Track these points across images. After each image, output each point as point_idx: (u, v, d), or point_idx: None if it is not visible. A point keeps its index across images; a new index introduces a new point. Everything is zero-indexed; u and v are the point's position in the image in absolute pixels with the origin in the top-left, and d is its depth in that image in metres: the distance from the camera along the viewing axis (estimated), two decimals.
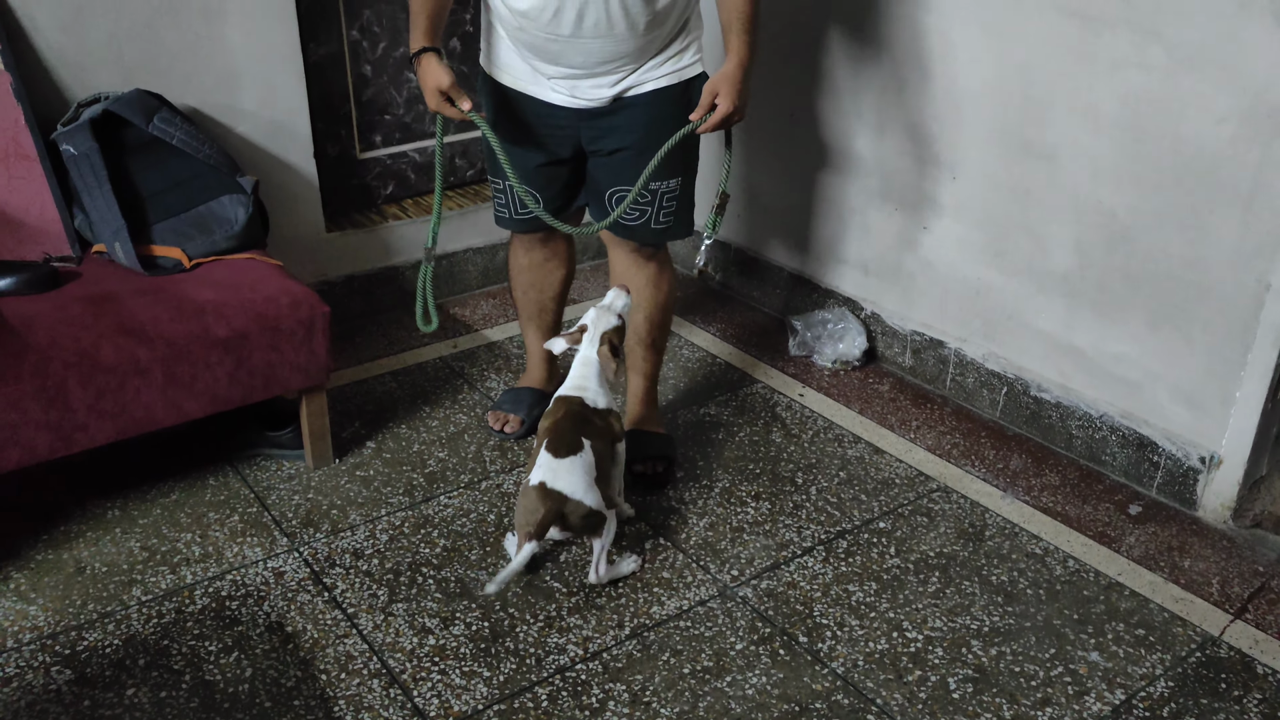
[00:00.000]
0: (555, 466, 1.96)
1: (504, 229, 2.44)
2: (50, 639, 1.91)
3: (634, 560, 2.11)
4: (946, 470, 2.47)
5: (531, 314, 2.52)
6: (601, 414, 2.09)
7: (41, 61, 2.38)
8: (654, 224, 2.25)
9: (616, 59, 2.06)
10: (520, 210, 2.32)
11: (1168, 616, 2.04)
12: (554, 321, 2.56)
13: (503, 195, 2.33)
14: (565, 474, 1.96)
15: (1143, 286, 2.31)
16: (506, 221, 2.38)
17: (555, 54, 2.06)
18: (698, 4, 2.14)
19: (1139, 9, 2.15)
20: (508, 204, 2.34)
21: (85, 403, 1.99)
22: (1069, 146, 2.35)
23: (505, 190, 2.31)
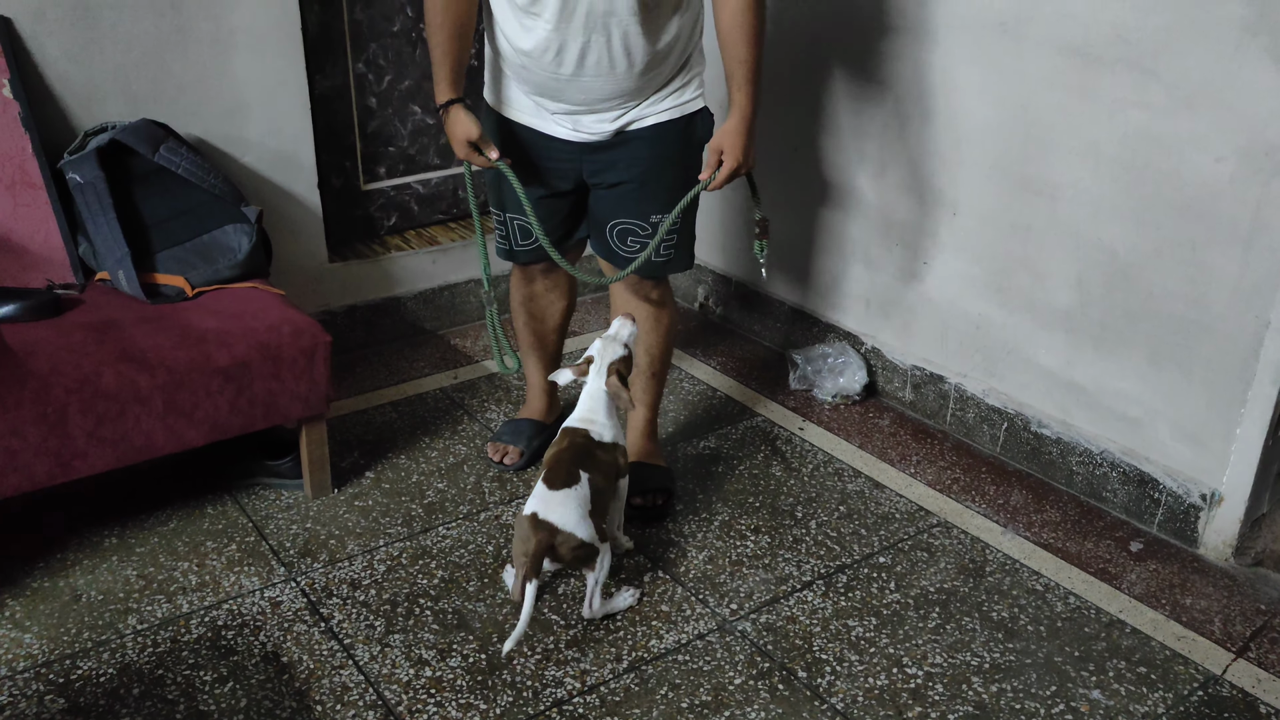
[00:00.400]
0: (548, 498, 1.96)
1: (505, 261, 2.44)
2: (44, 667, 1.90)
3: (631, 594, 2.10)
4: (947, 505, 2.47)
5: (532, 345, 2.53)
6: (607, 448, 2.09)
7: (50, 90, 2.40)
8: (655, 257, 2.25)
9: (618, 96, 2.09)
10: (521, 242, 2.33)
11: (1169, 654, 2.03)
12: (555, 353, 2.57)
13: (504, 228, 2.34)
14: (558, 506, 1.95)
15: (1143, 323, 2.31)
16: (508, 253, 2.39)
17: (557, 91, 2.09)
18: (699, 41, 2.16)
19: (1138, 49, 2.17)
20: (509, 236, 2.35)
21: (85, 430, 1.99)
22: (1069, 184, 2.36)
23: (506, 223, 2.33)
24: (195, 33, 2.54)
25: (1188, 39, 2.10)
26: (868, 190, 2.81)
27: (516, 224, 2.31)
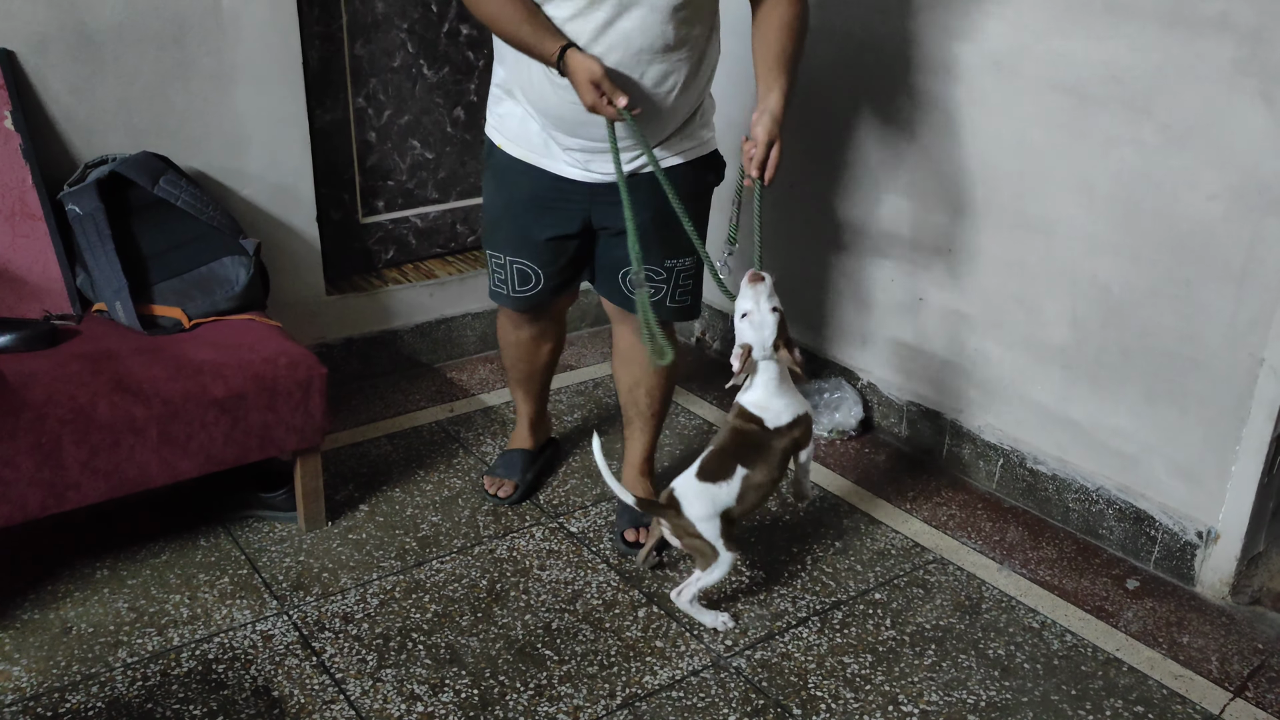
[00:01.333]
0: (690, 484, 2.03)
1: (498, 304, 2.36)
2: (33, 700, 1.88)
3: (722, 620, 2.10)
4: (943, 542, 2.46)
5: (520, 379, 2.51)
6: (782, 431, 2.04)
7: (51, 122, 2.42)
8: (670, 302, 2.22)
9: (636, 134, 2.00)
10: (519, 288, 2.27)
11: (1167, 693, 2.01)
12: (543, 386, 2.55)
13: (502, 270, 2.27)
14: (694, 497, 2.01)
15: (1138, 360, 2.32)
16: (503, 298, 2.31)
17: (577, 124, 2.01)
18: (710, 82, 2.15)
19: (1131, 88, 2.20)
20: (507, 280, 2.27)
21: (79, 460, 1.99)
22: (1064, 221, 2.38)
23: (506, 266, 2.25)
24: (197, 67, 2.56)
25: (1180, 78, 2.12)
26: (863, 226, 2.82)
27: (517, 268, 2.23)
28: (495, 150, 2.19)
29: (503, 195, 2.20)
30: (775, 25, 1.98)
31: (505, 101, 2.15)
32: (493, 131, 2.20)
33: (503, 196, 2.20)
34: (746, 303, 2.01)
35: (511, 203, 2.19)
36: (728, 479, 2.01)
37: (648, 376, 2.34)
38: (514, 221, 2.17)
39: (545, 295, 2.28)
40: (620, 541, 2.34)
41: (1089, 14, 2.23)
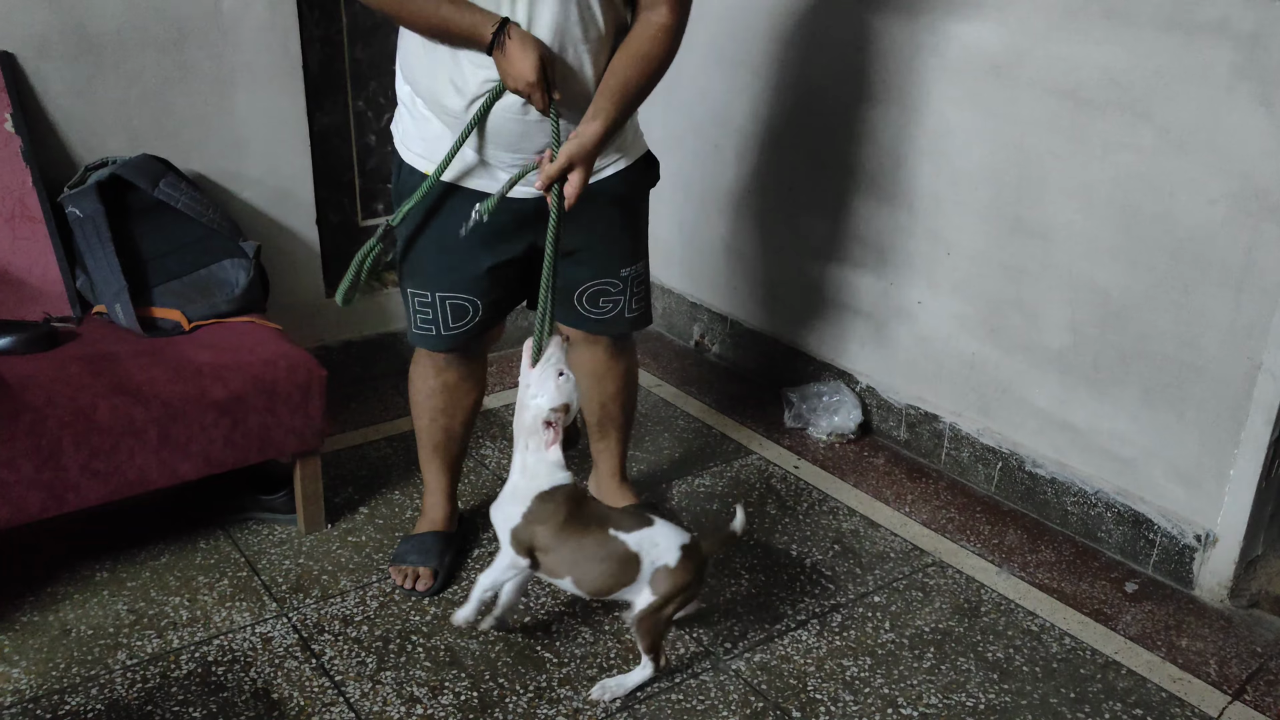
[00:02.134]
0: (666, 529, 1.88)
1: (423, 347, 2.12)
2: (33, 702, 1.88)
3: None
4: (942, 545, 2.46)
5: (438, 444, 2.24)
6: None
7: (52, 125, 2.42)
8: (628, 313, 2.15)
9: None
10: (452, 325, 2.05)
11: (1165, 696, 2.02)
12: (462, 449, 2.28)
13: (430, 310, 2.04)
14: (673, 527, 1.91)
15: (1136, 364, 2.32)
16: (430, 339, 2.08)
17: (517, 138, 1.87)
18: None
19: (1130, 92, 2.20)
20: (436, 318, 2.05)
21: (79, 462, 1.99)
22: (1062, 225, 2.38)
23: (434, 304, 2.03)
24: (197, 70, 2.57)
25: (1179, 83, 2.13)
26: (863, 230, 2.83)
27: (450, 303, 2.03)
28: (417, 176, 1.96)
29: (432, 228, 1.99)
30: (632, 54, 1.83)
31: (431, 123, 1.94)
32: (415, 158, 1.97)
33: (431, 230, 1.99)
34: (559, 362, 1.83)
35: (444, 235, 1.98)
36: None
37: (621, 392, 2.30)
38: (446, 255, 1.98)
39: (480, 329, 2.09)
40: None
41: (1087, 18, 2.24)
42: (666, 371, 3.27)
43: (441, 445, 2.25)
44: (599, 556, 1.84)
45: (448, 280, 2.02)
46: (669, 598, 1.85)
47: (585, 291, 2.10)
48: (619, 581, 1.86)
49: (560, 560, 1.86)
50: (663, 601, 1.85)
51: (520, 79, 1.74)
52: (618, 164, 2.02)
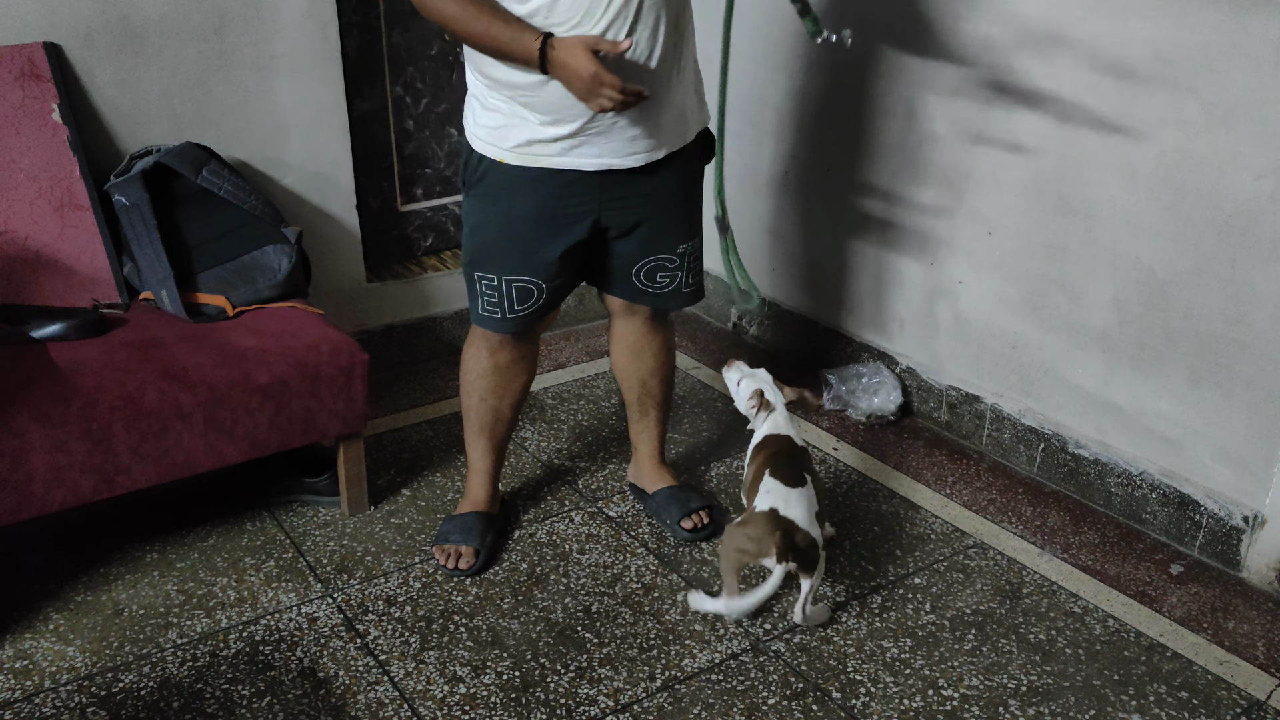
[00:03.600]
0: (787, 495, 1.98)
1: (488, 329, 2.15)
2: (87, 680, 1.93)
3: (827, 609, 2.12)
4: (983, 526, 2.45)
5: (485, 424, 2.26)
6: (807, 454, 2.17)
7: (97, 114, 2.46)
8: (684, 288, 2.21)
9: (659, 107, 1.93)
10: (517, 307, 2.10)
11: (1211, 679, 2.00)
12: (509, 430, 2.31)
13: (495, 292, 2.09)
14: (796, 504, 1.97)
15: (1182, 343, 2.29)
16: (496, 322, 2.12)
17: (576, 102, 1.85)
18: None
19: (1175, 66, 2.16)
20: (501, 301, 2.09)
21: (129, 446, 2.03)
22: (1105, 203, 2.35)
23: (501, 286, 2.08)
24: (238, 58, 2.59)
25: (1226, 57, 2.09)
26: (903, 210, 2.80)
27: (516, 286, 2.07)
28: (493, 166, 2.00)
29: (500, 216, 2.03)
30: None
31: (495, 112, 1.97)
32: (486, 146, 2.00)
33: (500, 217, 2.03)
34: (736, 375, 2.26)
35: (513, 222, 2.02)
36: (805, 484, 2.02)
37: (662, 367, 2.35)
38: (516, 242, 2.02)
39: (543, 311, 2.14)
40: (679, 531, 2.33)
41: None
42: (704, 353, 3.27)
43: (488, 426, 2.27)
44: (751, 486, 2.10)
45: (513, 266, 2.06)
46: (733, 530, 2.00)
47: (644, 267, 2.15)
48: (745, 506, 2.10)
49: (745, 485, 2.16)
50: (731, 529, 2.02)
51: (579, 77, 1.76)
52: (669, 146, 2.02)
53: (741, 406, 2.24)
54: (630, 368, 2.34)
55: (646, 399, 2.38)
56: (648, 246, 2.12)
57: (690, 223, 2.16)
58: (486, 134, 2.00)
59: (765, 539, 1.92)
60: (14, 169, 2.29)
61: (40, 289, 2.30)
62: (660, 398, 2.39)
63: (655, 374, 2.35)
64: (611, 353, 2.38)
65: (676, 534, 2.34)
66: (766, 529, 1.93)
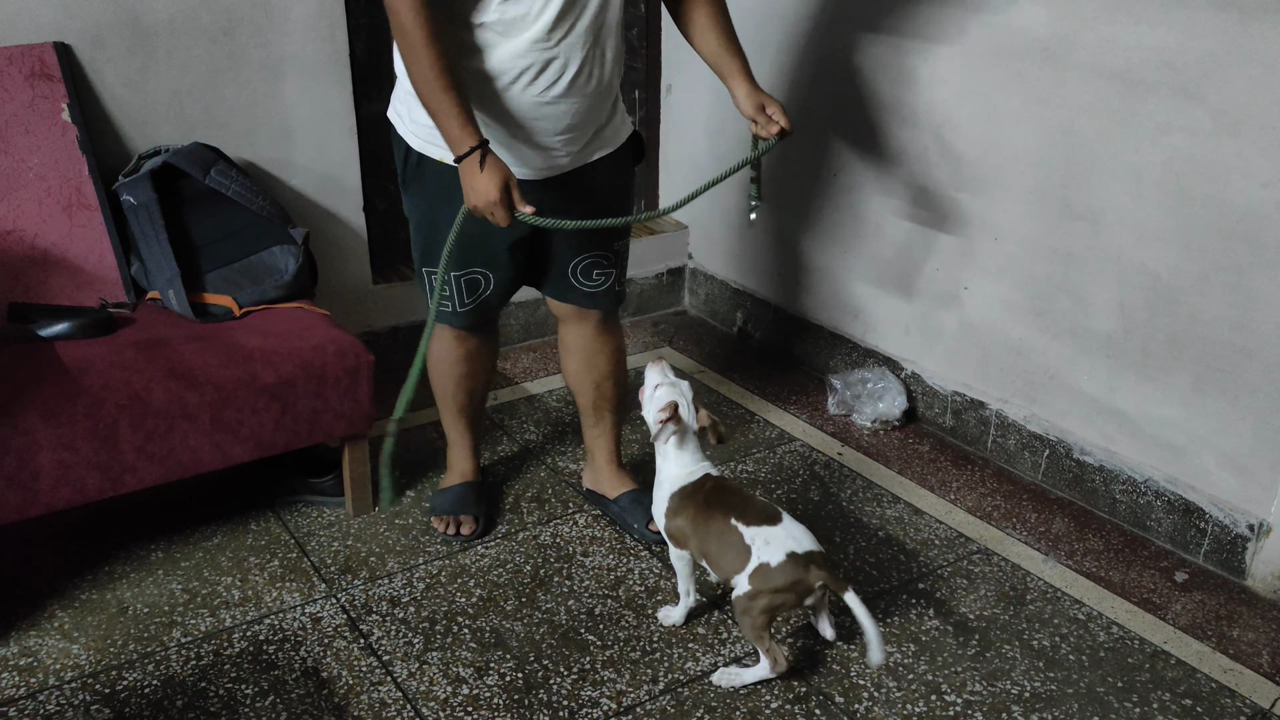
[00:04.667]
0: (785, 532, 1.90)
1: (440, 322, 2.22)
2: (91, 677, 1.93)
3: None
4: (987, 532, 2.44)
5: (462, 405, 2.37)
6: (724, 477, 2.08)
7: (106, 114, 2.47)
8: (616, 286, 2.27)
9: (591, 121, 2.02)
10: (467, 300, 2.17)
11: (1215, 687, 1.99)
12: (483, 407, 2.44)
13: (446, 288, 2.15)
14: (797, 533, 1.91)
15: (1187, 349, 2.29)
16: (450, 316, 2.20)
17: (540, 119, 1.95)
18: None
19: (1182, 73, 2.16)
20: (452, 296, 2.16)
21: (135, 445, 2.03)
22: (1112, 209, 2.35)
23: (449, 282, 2.14)
24: (247, 59, 2.60)
25: (1233, 63, 2.09)
26: (908, 214, 2.80)
27: (465, 280, 2.14)
28: (429, 164, 2.04)
29: (443, 210, 2.04)
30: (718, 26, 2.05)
31: None
32: (425, 145, 2.02)
33: (443, 211, 2.04)
34: (655, 377, 2.06)
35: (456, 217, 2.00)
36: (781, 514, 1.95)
37: (615, 369, 2.37)
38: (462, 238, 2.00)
39: (494, 301, 2.21)
40: (646, 535, 2.34)
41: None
42: (709, 357, 3.28)
43: (466, 406, 2.39)
44: (722, 544, 1.94)
45: (464, 259, 2.11)
46: (756, 593, 1.87)
47: (580, 263, 2.19)
48: (735, 569, 1.91)
49: (697, 545, 1.99)
50: (751, 594, 1.88)
51: (485, 194, 1.82)
52: (603, 150, 2.10)
53: (649, 415, 2.04)
54: (583, 373, 2.36)
55: (601, 403, 2.39)
56: (584, 242, 2.16)
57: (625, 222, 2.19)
58: (426, 133, 2.01)
59: (803, 580, 1.87)
60: (23, 168, 2.30)
61: (48, 288, 2.31)
62: (614, 400, 2.40)
63: (609, 377, 2.36)
64: (562, 360, 2.40)
65: (645, 538, 2.35)
66: (800, 572, 1.86)
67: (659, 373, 2.07)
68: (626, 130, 2.18)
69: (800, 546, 1.89)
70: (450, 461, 2.47)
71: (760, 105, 2.04)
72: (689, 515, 1.99)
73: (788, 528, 1.92)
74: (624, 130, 2.17)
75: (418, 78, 1.82)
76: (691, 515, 1.99)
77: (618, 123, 2.13)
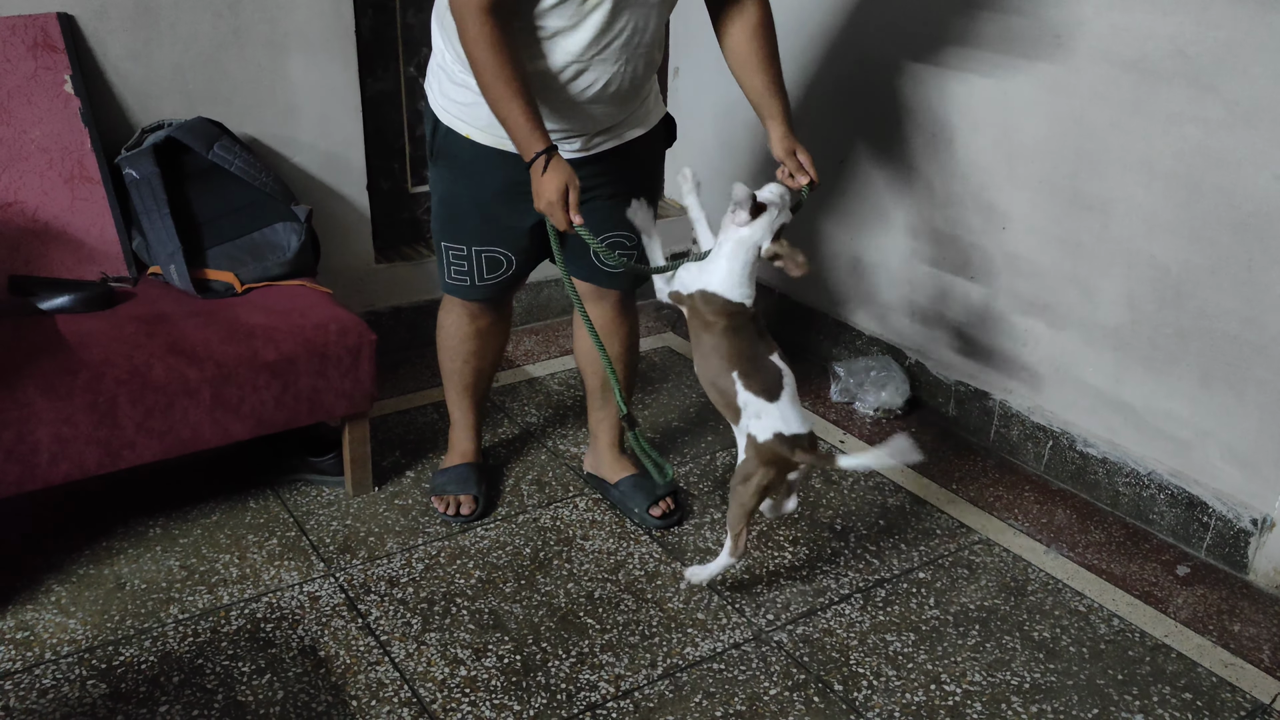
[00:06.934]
0: (781, 411, 1.88)
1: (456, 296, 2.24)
2: (87, 652, 1.92)
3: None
4: (988, 523, 2.43)
5: (469, 384, 2.36)
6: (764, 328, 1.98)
7: (110, 87, 2.45)
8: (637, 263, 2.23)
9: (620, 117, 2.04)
10: (486, 276, 2.17)
11: (1216, 681, 1.98)
12: (488, 389, 2.43)
13: (464, 262, 2.16)
14: (791, 414, 1.88)
15: (1194, 342, 2.27)
16: (465, 289, 2.20)
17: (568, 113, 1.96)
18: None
19: (1196, 63, 2.14)
20: (470, 270, 2.17)
21: (134, 420, 2.02)
22: (1122, 200, 2.33)
23: (470, 256, 2.15)
24: (251, 34, 2.58)
25: (1249, 53, 2.06)
26: (915, 203, 2.79)
27: (486, 256, 2.15)
28: (458, 139, 2.04)
29: (469, 187, 2.08)
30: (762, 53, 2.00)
31: (465, 89, 1.97)
32: (454, 120, 2.03)
33: (469, 188, 2.08)
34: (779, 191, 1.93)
35: (482, 194, 2.07)
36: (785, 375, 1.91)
37: (628, 352, 2.35)
38: (487, 214, 2.07)
39: (513, 280, 2.22)
40: (649, 519, 2.33)
41: None
42: None
43: (472, 386, 2.37)
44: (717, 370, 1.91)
45: (481, 237, 2.12)
46: (743, 471, 1.91)
47: (604, 242, 2.15)
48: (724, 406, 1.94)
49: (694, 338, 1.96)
50: (741, 473, 1.92)
51: (546, 194, 1.82)
52: (635, 131, 2.10)
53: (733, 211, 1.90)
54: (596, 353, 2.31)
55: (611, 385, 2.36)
56: (610, 221, 2.14)
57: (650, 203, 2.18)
58: (456, 109, 2.02)
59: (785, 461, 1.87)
60: (25, 140, 2.28)
61: (49, 261, 2.30)
62: (623, 384, 2.37)
63: (620, 359, 2.34)
64: (575, 338, 2.40)
65: (646, 522, 2.33)
66: (783, 453, 1.86)
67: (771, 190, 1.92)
68: (659, 112, 2.17)
69: (787, 430, 1.88)
70: (452, 441, 2.46)
71: (792, 151, 2.02)
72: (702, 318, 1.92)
73: (782, 405, 1.89)
74: (656, 112, 2.16)
75: (485, 83, 1.80)
76: (706, 321, 1.92)
77: (651, 104, 2.13)
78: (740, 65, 2.03)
